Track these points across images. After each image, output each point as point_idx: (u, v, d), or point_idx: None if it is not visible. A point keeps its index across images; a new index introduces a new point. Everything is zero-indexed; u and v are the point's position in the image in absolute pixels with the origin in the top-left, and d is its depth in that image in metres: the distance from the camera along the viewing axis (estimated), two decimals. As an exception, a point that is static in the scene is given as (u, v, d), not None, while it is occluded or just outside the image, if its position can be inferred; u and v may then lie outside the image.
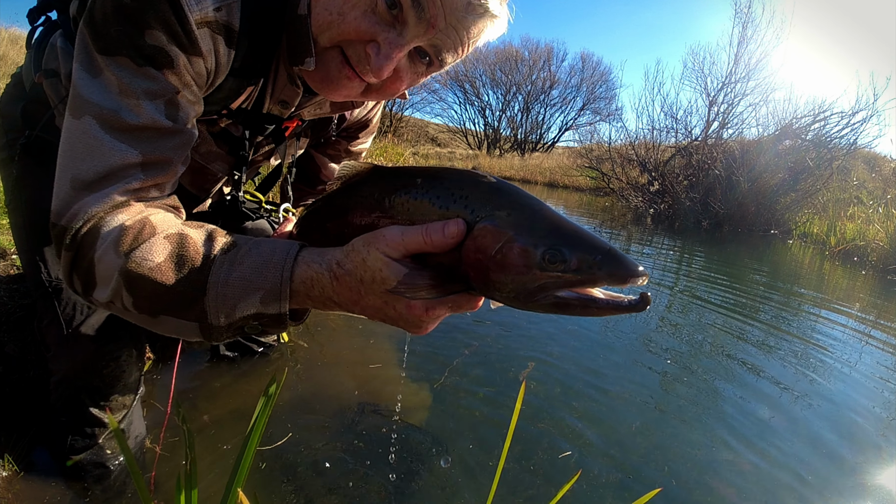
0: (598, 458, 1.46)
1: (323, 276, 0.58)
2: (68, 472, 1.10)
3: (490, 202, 0.50)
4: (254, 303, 0.59)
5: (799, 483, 1.47)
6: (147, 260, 0.59)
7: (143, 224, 0.62)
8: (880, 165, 14.29)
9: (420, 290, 0.52)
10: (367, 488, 1.23)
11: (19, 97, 1.08)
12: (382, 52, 0.72)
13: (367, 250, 0.55)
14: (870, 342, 2.91)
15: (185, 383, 1.58)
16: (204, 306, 0.59)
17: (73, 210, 0.64)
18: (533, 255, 0.45)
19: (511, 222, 0.48)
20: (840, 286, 4.76)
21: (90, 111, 0.65)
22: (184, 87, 0.70)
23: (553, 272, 0.45)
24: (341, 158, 1.31)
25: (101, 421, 1.09)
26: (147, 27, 0.64)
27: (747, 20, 10.15)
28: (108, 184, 0.65)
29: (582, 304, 0.46)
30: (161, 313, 0.61)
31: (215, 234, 0.64)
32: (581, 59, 32.41)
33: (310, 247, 0.62)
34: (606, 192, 12.19)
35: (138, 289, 0.60)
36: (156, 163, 0.68)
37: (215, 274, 0.59)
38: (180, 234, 0.62)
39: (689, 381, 2.06)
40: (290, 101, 0.93)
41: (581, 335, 2.43)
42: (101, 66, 0.65)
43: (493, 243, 0.47)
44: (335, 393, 1.62)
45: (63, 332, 1.02)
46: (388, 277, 0.54)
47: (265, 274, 0.58)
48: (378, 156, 6.92)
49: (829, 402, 2.02)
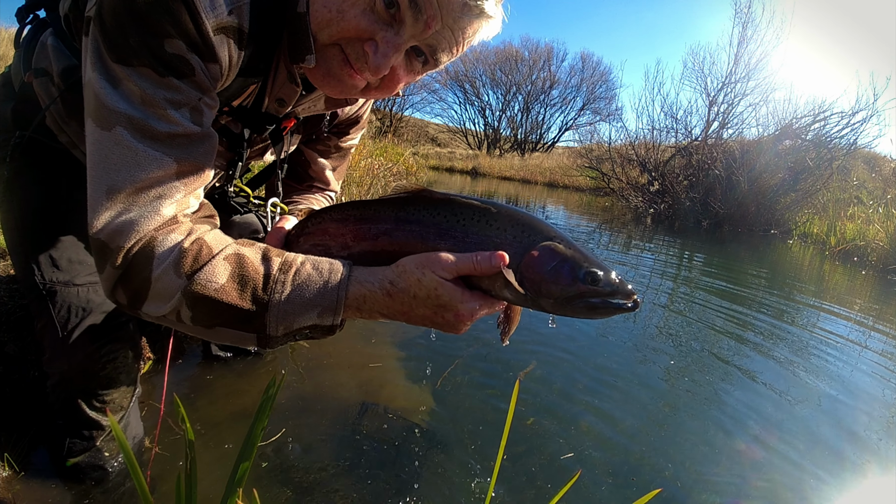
0: (599, 457, 1.46)
1: (376, 294, 0.66)
2: (67, 474, 1.10)
3: (542, 231, 0.68)
4: (311, 317, 0.66)
5: (799, 483, 1.47)
6: (211, 282, 0.64)
7: (199, 246, 0.66)
8: (880, 165, 14.28)
9: (481, 312, 0.69)
10: (367, 488, 1.23)
11: (8, 97, 1.07)
12: (380, 51, 0.73)
13: (421, 272, 0.65)
14: (870, 342, 2.91)
15: (185, 384, 1.59)
16: (264, 321, 0.65)
17: (116, 225, 0.64)
18: (578, 273, 0.63)
19: (562, 248, 0.66)
20: (840, 286, 4.76)
21: (120, 121, 0.64)
22: (204, 93, 0.70)
23: (590, 286, 0.63)
24: (331, 153, 1.32)
25: (99, 423, 1.09)
26: (166, 35, 0.64)
27: (747, 20, 10.15)
28: (150, 196, 0.65)
29: (605, 307, 0.65)
30: (219, 326, 0.66)
31: (269, 252, 0.68)
32: (581, 59, 32.49)
33: (357, 266, 0.69)
34: (606, 192, 12.19)
35: (201, 307, 0.64)
36: (190, 170, 0.69)
37: (277, 293, 0.65)
38: (237, 254, 0.67)
39: (689, 381, 2.06)
40: (287, 99, 0.93)
41: (581, 335, 2.43)
42: (121, 75, 0.65)
43: (549, 262, 0.65)
44: (335, 393, 1.62)
45: (58, 336, 1.01)
46: (442, 295, 0.64)
47: (324, 293, 0.65)
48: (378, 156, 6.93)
49: (829, 401, 2.02)
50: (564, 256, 0.65)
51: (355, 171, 4.48)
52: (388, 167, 6.88)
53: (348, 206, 0.78)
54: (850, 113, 8.53)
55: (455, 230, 0.69)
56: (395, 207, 0.73)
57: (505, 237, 0.67)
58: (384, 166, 6.33)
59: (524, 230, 0.68)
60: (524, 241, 0.67)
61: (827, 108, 8.89)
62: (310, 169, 1.31)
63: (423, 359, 1.95)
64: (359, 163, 4.91)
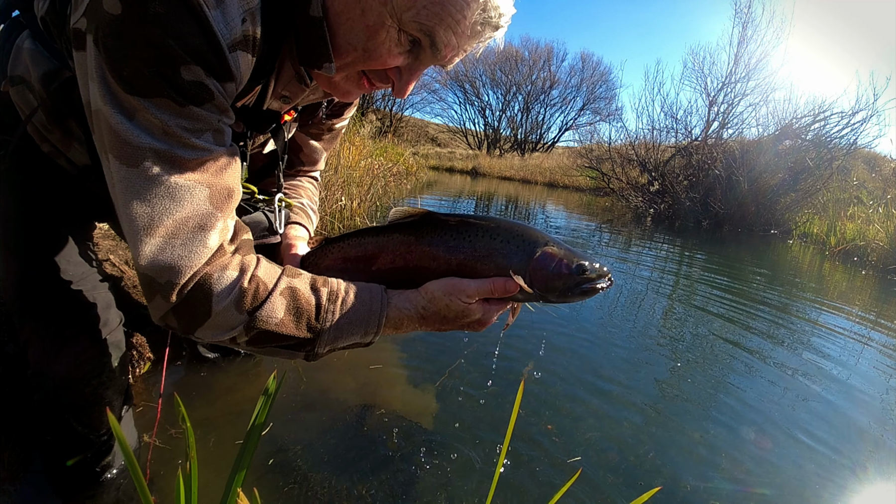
0: (598, 457, 1.46)
1: (412, 317, 0.77)
2: (68, 475, 1.08)
3: (538, 239, 0.79)
4: (355, 338, 0.76)
5: (800, 483, 1.47)
6: (272, 318, 0.70)
7: (256, 283, 0.70)
8: (880, 165, 14.29)
9: (499, 313, 0.83)
10: (367, 488, 1.23)
11: None
12: (404, 79, 0.79)
13: (448, 298, 0.75)
14: (870, 342, 2.91)
15: (181, 384, 1.59)
16: (315, 344, 0.74)
17: (163, 261, 0.64)
18: (573, 266, 0.76)
19: (555, 250, 0.78)
20: (840, 286, 4.76)
21: (146, 156, 0.63)
22: (223, 113, 0.70)
23: (582, 276, 0.76)
24: (323, 136, 1.30)
25: (88, 438, 1.06)
26: (182, 63, 0.61)
27: (747, 20, 10.16)
28: (190, 228, 0.66)
29: (593, 289, 0.77)
30: (272, 347, 0.73)
31: (316, 283, 0.75)
32: (581, 59, 32.47)
33: (392, 291, 0.79)
34: (606, 192, 12.19)
35: (260, 336, 0.71)
36: (222, 193, 0.69)
37: (327, 321, 0.73)
38: (290, 287, 0.73)
39: (688, 381, 2.06)
40: (292, 97, 0.92)
41: (580, 335, 2.43)
42: (137, 107, 0.62)
43: (550, 263, 0.77)
44: (335, 393, 1.62)
45: (42, 349, 0.97)
46: (472, 312, 0.77)
47: (368, 319, 0.75)
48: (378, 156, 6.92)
49: (829, 402, 2.02)
50: (560, 256, 0.78)
51: (355, 171, 4.47)
52: (388, 167, 6.88)
53: (364, 234, 0.88)
54: (850, 113, 8.54)
55: (463, 247, 0.80)
56: (407, 232, 0.83)
57: (509, 248, 0.79)
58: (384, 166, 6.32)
59: (524, 240, 0.80)
60: (526, 249, 0.79)
61: (827, 108, 8.90)
62: (301, 153, 1.29)
63: (423, 359, 1.95)
64: (359, 163, 4.91)
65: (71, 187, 1.02)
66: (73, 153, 0.97)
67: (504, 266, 0.78)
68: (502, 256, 0.78)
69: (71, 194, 1.03)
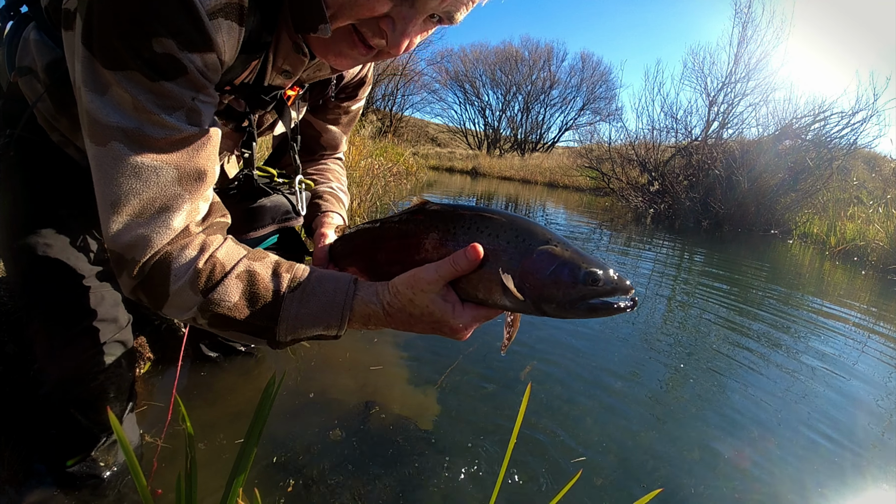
0: (599, 458, 1.46)
1: (378, 312, 0.69)
2: (63, 481, 1.08)
3: (538, 235, 0.65)
4: (317, 330, 0.70)
5: (801, 483, 1.47)
6: (225, 301, 0.67)
7: (213, 264, 0.68)
8: (880, 165, 14.29)
9: (477, 323, 0.70)
10: (368, 488, 1.23)
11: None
12: (398, 29, 0.71)
13: (412, 292, 0.66)
14: (870, 342, 2.91)
15: (184, 384, 1.58)
16: (274, 332, 0.69)
17: (129, 238, 0.65)
18: (578, 274, 0.61)
19: (559, 251, 0.63)
20: (840, 286, 4.76)
21: (114, 135, 0.63)
22: (200, 90, 0.68)
23: (591, 287, 0.61)
24: (340, 120, 1.28)
25: (92, 432, 1.06)
26: (154, 34, 0.60)
27: (747, 20, 10.16)
28: (156, 208, 0.65)
29: (605, 307, 0.62)
30: (232, 331, 0.70)
31: (279, 268, 0.71)
32: (581, 59, 32.48)
33: (363, 282, 0.72)
34: (606, 192, 12.19)
35: (216, 319, 0.68)
36: (193, 175, 0.68)
37: (286, 310, 0.68)
38: (249, 271, 0.69)
39: (689, 382, 2.06)
40: (293, 70, 0.89)
41: (580, 336, 2.43)
42: (109, 81, 0.62)
43: (548, 266, 0.62)
44: (335, 394, 1.62)
45: (49, 343, 0.98)
46: (434, 312, 0.66)
47: (329, 311, 0.69)
48: (378, 156, 6.93)
49: (830, 402, 2.02)
50: (563, 259, 0.62)
51: (355, 171, 4.48)
52: (388, 167, 6.88)
53: (382, 222, 0.82)
54: (850, 113, 8.54)
55: (447, 241, 0.69)
56: (399, 223, 0.76)
57: (498, 243, 0.65)
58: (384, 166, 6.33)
59: (518, 235, 0.65)
60: (520, 246, 0.64)
61: (827, 108, 8.90)
62: (321, 139, 1.28)
63: (424, 359, 1.94)
64: (359, 163, 4.91)
65: (80, 178, 1.01)
66: (81, 141, 0.98)
67: (493, 266, 0.64)
68: (489, 253, 0.65)
69: (80, 185, 1.02)
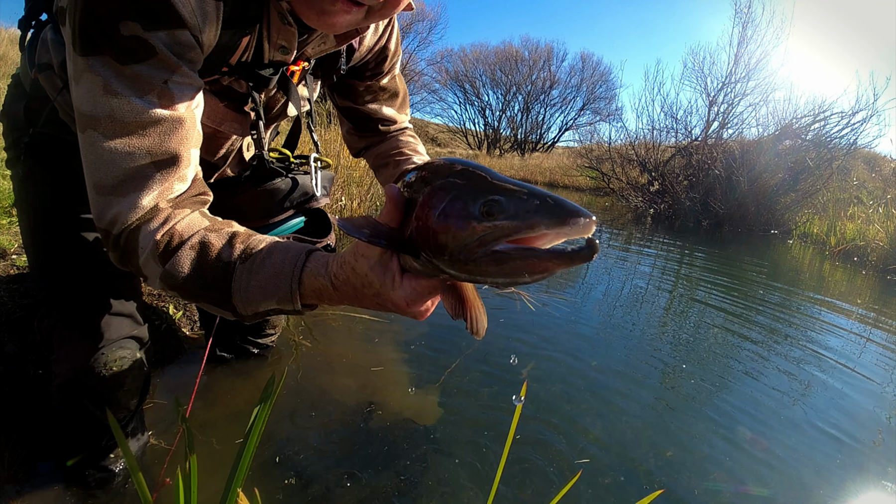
0: (600, 458, 1.46)
1: (327, 286, 0.63)
2: (69, 475, 1.10)
3: (440, 173, 0.50)
4: (272, 303, 0.66)
5: (801, 483, 1.47)
6: (179, 272, 0.66)
7: (170, 235, 0.67)
8: (880, 165, 14.28)
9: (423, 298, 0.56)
10: (368, 489, 1.23)
11: (21, 96, 1.07)
12: None
13: (354, 258, 0.59)
14: (870, 342, 2.91)
15: (186, 384, 1.58)
16: (232, 304, 0.68)
17: (110, 215, 0.69)
18: (471, 207, 0.44)
19: (454, 183, 0.47)
20: (840, 286, 4.76)
21: (89, 124, 0.65)
22: (173, 71, 0.68)
23: (490, 223, 0.42)
24: (381, 97, 1.23)
25: (104, 424, 1.07)
26: (120, 18, 0.61)
27: (747, 20, 10.14)
28: (130, 188, 0.67)
29: (521, 254, 0.42)
30: (198, 301, 0.71)
31: (235, 239, 0.68)
32: (581, 59, 32.37)
33: (319, 254, 0.66)
34: (606, 192, 12.18)
35: (179, 290, 0.69)
36: (166, 159, 0.69)
37: (236, 282, 0.66)
38: (203, 242, 0.67)
39: (690, 381, 2.06)
40: (289, 44, 0.88)
41: (581, 335, 2.43)
42: (83, 67, 0.64)
43: (437, 203, 0.46)
44: (336, 394, 1.62)
45: (67, 336, 1.00)
46: (374, 281, 0.57)
47: (278, 284, 0.65)
48: (378, 156, 6.94)
49: (830, 402, 2.02)
50: (457, 191, 0.46)
51: (355, 171, 4.47)
52: (388, 167, 6.87)
53: None
54: (850, 113, 8.52)
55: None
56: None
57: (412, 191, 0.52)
58: (384, 166, 6.31)
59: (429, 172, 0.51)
60: (420, 189, 0.50)
61: (827, 108, 8.88)
62: (378, 123, 1.26)
63: (424, 359, 1.94)
64: (359, 163, 4.91)
65: None
66: None
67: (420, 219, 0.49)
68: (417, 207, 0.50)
69: None
